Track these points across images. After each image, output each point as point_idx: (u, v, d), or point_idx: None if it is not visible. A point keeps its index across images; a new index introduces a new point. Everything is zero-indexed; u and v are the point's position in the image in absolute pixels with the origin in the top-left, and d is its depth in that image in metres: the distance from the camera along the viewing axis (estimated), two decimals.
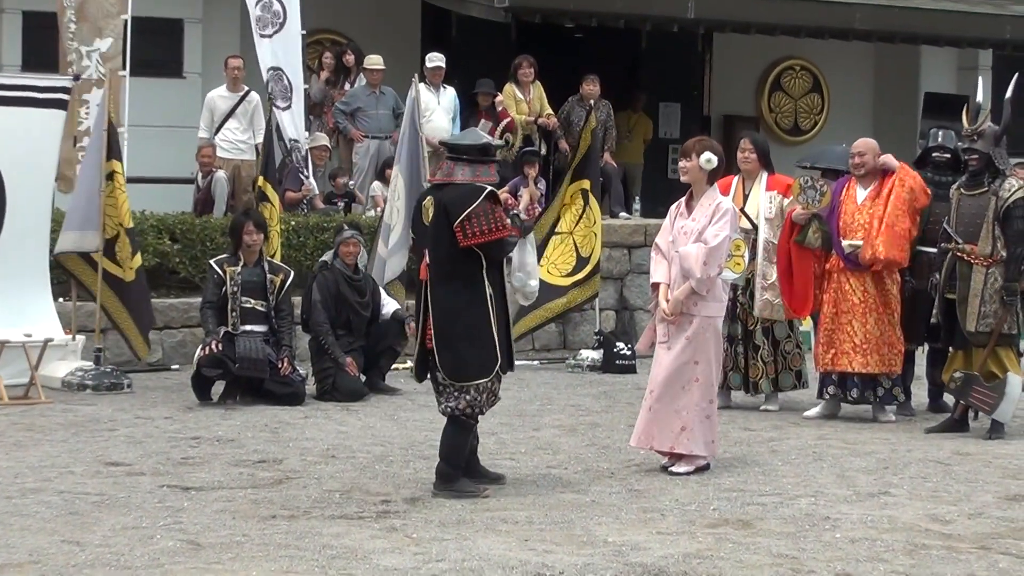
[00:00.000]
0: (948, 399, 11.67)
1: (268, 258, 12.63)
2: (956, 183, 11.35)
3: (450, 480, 8.74)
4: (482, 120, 16.82)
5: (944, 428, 11.22)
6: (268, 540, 7.58)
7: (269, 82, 15.73)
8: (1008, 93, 11.36)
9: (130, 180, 15.47)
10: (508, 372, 8.87)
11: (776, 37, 19.66)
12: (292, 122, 15.73)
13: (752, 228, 11.88)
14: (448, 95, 16.79)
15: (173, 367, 13.88)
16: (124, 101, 15.20)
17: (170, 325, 14.13)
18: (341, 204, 16.11)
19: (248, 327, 12.19)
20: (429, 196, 8.91)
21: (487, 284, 8.67)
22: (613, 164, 17.97)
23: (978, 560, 7.47)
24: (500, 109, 16.87)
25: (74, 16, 14.75)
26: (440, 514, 8.23)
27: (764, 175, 12.02)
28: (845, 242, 11.49)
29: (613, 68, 18.68)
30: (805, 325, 13.25)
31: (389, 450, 10.18)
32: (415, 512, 8.29)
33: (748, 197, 11.96)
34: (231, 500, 8.51)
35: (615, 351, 14.50)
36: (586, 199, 14.35)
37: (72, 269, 13.15)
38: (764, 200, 11.94)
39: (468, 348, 8.65)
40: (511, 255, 8.97)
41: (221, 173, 15.83)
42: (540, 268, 12.43)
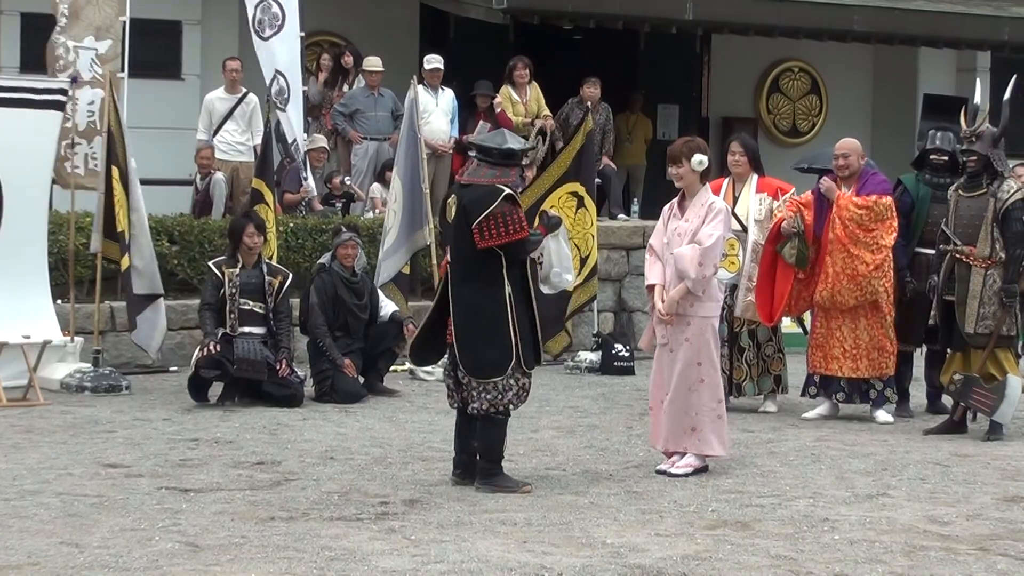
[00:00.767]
0: (947, 401, 11.68)
1: (267, 260, 12.63)
2: (954, 185, 11.36)
3: (491, 475, 8.90)
4: (480, 122, 16.82)
5: (943, 430, 11.23)
6: (266, 542, 7.58)
7: (272, 84, 15.72)
8: (1006, 95, 11.38)
9: None
10: (535, 367, 9.01)
11: (775, 39, 19.66)
12: (291, 124, 15.74)
13: (742, 230, 11.90)
14: (446, 96, 16.79)
15: (172, 369, 13.87)
16: (123, 103, 15.20)
17: (169, 327, 14.11)
18: (339, 205, 16.12)
19: (246, 329, 12.19)
20: (453, 194, 9.09)
21: (507, 283, 8.79)
22: (612, 166, 17.98)
23: (976, 561, 7.47)
24: (499, 111, 16.86)
25: (67, 11, 14.73)
26: (439, 516, 8.23)
27: (754, 177, 12.05)
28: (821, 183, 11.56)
29: (611, 70, 18.68)
30: (791, 327, 13.26)
31: (387, 452, 10.18)
32: (413, 514, 8.29)
33: (738, 199, 11.98)
34: (229, 502, 8.51)
35: (613, 353, 14.49)
36: (580, 202, 14.24)
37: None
38: (754, 202, 11.96)
39: (485, 346, 8.80)
40: (541, 254, 9.09)
41: (220, 175, 15.84)
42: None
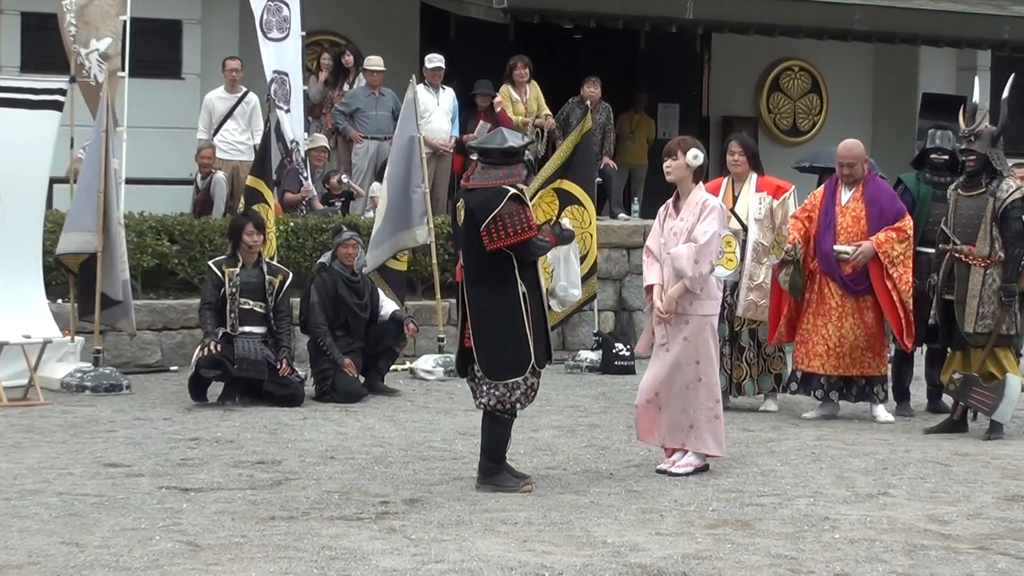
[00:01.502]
0: (947, 400, 11.68)
1: (267, 259, 12.63)
2: (953, 184, 11.36)
3: (491, 474, 8.90)
4: (480, 121, 16.83)
5: (943, 429, 11.23)
6: (267, 541, 7.58)
7: (272, 84, 15.72)
8: (1005, 93, 11.37)
9: (129, 181, 15.50)
10: (546, 365, 9.03)
11: (775, 38, 19.65)
12: (291, 124, 15.73)
13: (742, 229, 11.90)
14: (447, 96, 16.79)
15: (172, 368, 13.88)
16: (123, 102, 15.21)
17: (169, 326, 14.14)
18: (339, 204, 16.12)
19: (247, 328, 12.18)
20: (461, 199, 9.11)
21: (520, 283, 8.80)
22: (613, 166, 17.98)
23: (977, 561, 7.47)
24: (499, 110, 16.87)
25: (74, 19, 14.74)
26: (439, 515, 8.23)
27: (753, 176, 12.05)
28: (836, 247, 11.51)
29: (612, 69, 18.68)
30: None
31: (388, 451, 10.18)
32: (414, 513, 8.29)
33: (737, 198, 11.98)
34: (230, 501, 8.51)
35: (614, 352, 14.50)
36: (567, 200, 14.16)
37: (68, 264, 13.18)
38: (754, 201, 11.96)
39: (502, 347, 8.80)
40: (551, 263, 9.12)
41: (220, 174, 15.85)
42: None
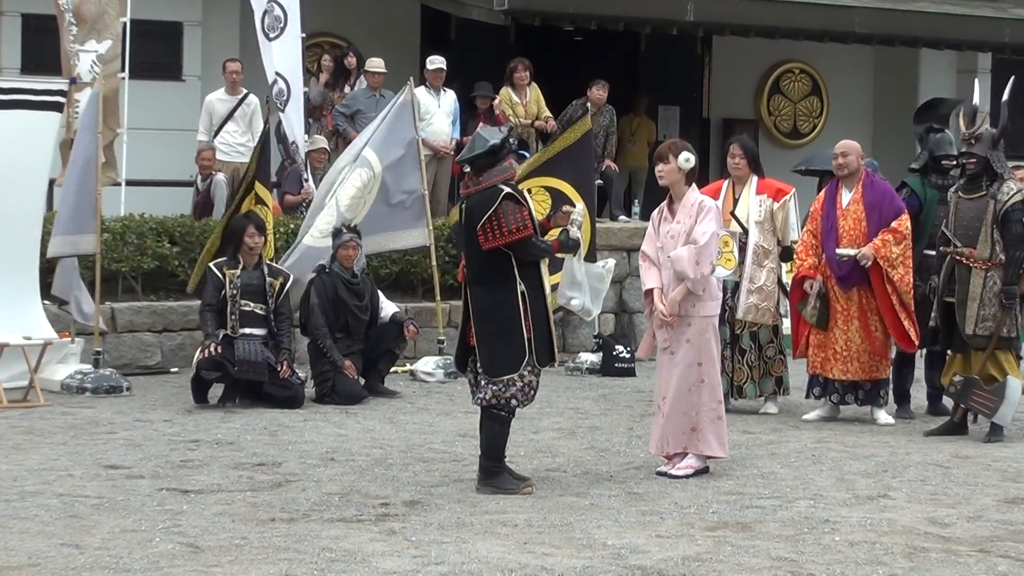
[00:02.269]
0: (947, 402, 11.67)
1: (267, 261, 12.63)
2: (954, 187, 11.36)
3: (491, 475, 8.92)
4: (480, 123, 16.80)
5: (943, 431, 11.22)
6: (267, 543, 7.58)
7: (275, 85, 15.71)
8: (1005, 96, 11.38)
9: (129, 183, 15.57)
10: (550, 365, 9.04)
11: (775, 40, 19.66)
12: (292, 125, 15.73)
13: (742, 231, 11.90)
14: (448, 98, 16.79)
15: (172, 370, 13.88)
16: (123, 104, 15.22)
17: (169, 328, 14.14)
18: None
19: (247, 330, 12.18)
20: (461, 202, 9.17)
21: (519, 282, 8.84)
22: (614, 168, 17.98)
23: (977, 563, 7.47)
24: (498, 112, 16.87)
25: (73, 19, 14.75)
26: (439, 517, 8.23)
27: (754, 179, 12.05)
28: (838, 251, 11.51)
29: (612, 71, 18.67)
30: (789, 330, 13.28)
31: (388, 453, 10.18)
32: (414, 515, 8.29)
33: (738, 201, 11.99)
34: (230, 503, 8.51)
35: (614, 354, 14.50)
36: (560, 199, 14.11)
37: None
38: (754, 204, 11.96)
39: (499, 345, 8.84)
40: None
41: (221, 176, 15.85)
42: None
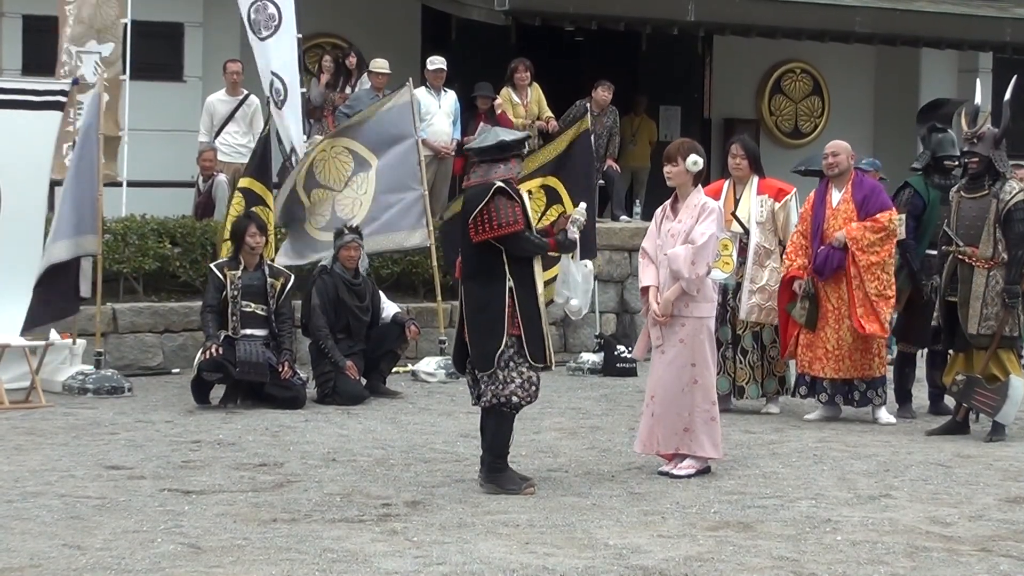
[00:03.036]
0: (949, 401, 11.67)
1: (268, 262, 12.63)
2: (956, 186, 11.36)
3: (495, 472, 8.94)
4: (481, 124, 16.79)
5: (945, 430, 11.22)
6: (269, 543, 7.58)
7: (271, 85, 15.67)
8: (1007, 95, 11.38)
9: (131, 184, 15.56)
10: (543, 364, 8.98)
11: (777, 40, 19.66)
12: (289, 126, 15.69)
13: (744, 232, 11.90)
14: (449, 98, 16.77)
15: (174, 371, 13.88)
16: (124, 105, 15.22)
17: (171, 329, 14.14)
18: None
19: (248, 331, 12.18)
20: (460, 197, 9.11)
21: (508, 278, 8.85)
22: (616, 168, 17.98)
23: (979, 563, 7.47)
24: (499, 112, 16.87)
25: (72, 19, 14.75)
26: (441, 517, 8.23)
27: (755, 179, 12.06)
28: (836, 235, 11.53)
29: (613, 71, 18.66)
30: None
31: (390, 453, 10.18)
32: (416, 515, 8.29)
33: (739, 201, 11.99)
34: (232, 504, 8.51)
35: (616, 354, 14.49)
36: (553, 198, 14.12)
37: None
38: (755, 204, 11.96)
39: (485, 339, 8.87)
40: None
41: (222, 177, 15.84)
42: None
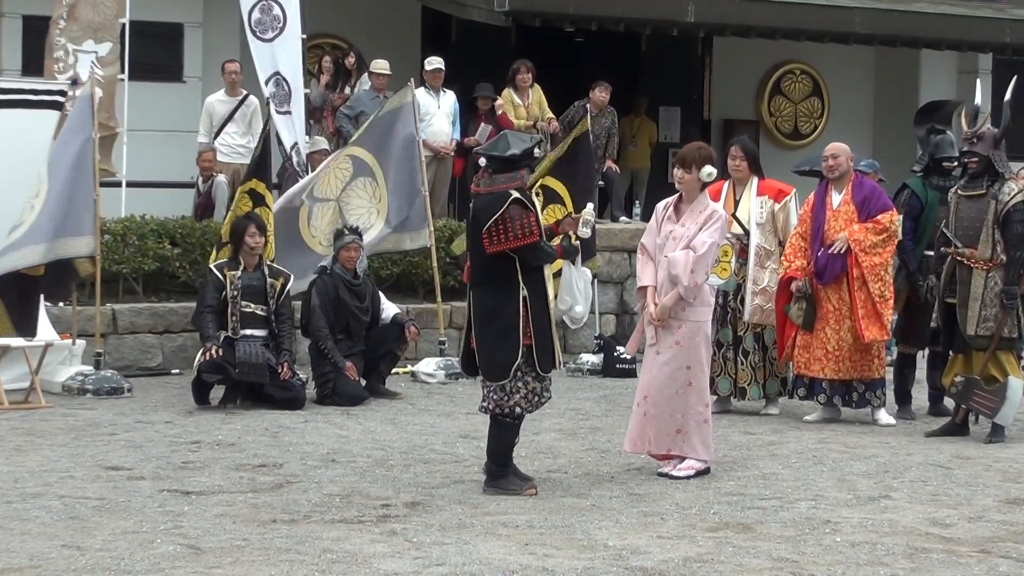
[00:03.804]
0: (948, 403, 11.66)
1: (268, 262, 12.63)
2: (954, 187, 11.36)
3: (495, 477, 8.93)
4: (481, 124, 16.82)
5: (944, 432, 11.22)
6: (268, 544, 7.58)
7: (269, 85, 15.68)
8: (1007, 96, 11.38)
9: (130, 184, 15.56)
10: (551, 371, 8.99)
11: (776, 41, 19.66)
12: (291, 127, 15.71)
13: (744, 233, 11.90)
14: (448, 99, 16.77)
15: (173, 371, 13.88)
16: (123, 105, 15.22)
17: (170, 329, 14.14)
18: None
19: (248, 331, 12.18)
20: (470, 205, 9.18)
21: (522, 287, 8.83)
22: (615, 169, 17.98)
23: (978, 564, 7.47)
24: (500, 113, 16.87)
25: (65, 14, 14.74)
26: (440, 518, 8.23)
27: (755, 180, 12.05)
28: (837, 237, 11.53)
29: (613, 72, 18.68)
30: None
31: (389, 454, 10.18)
32: (415, 516, 8.29)
33: (739, 202, 11.98)
34: (231, 504, 8.51)
35: (615, 355, 14.49)
36: (551, 198, 14.09)
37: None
38: (755, 205, 11.96)
39: (497, 349, 8.83)
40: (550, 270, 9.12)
41: (222, 177, 15.85)
42: None
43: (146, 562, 7.21)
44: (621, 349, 14.53)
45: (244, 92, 16.36)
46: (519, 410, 8.90)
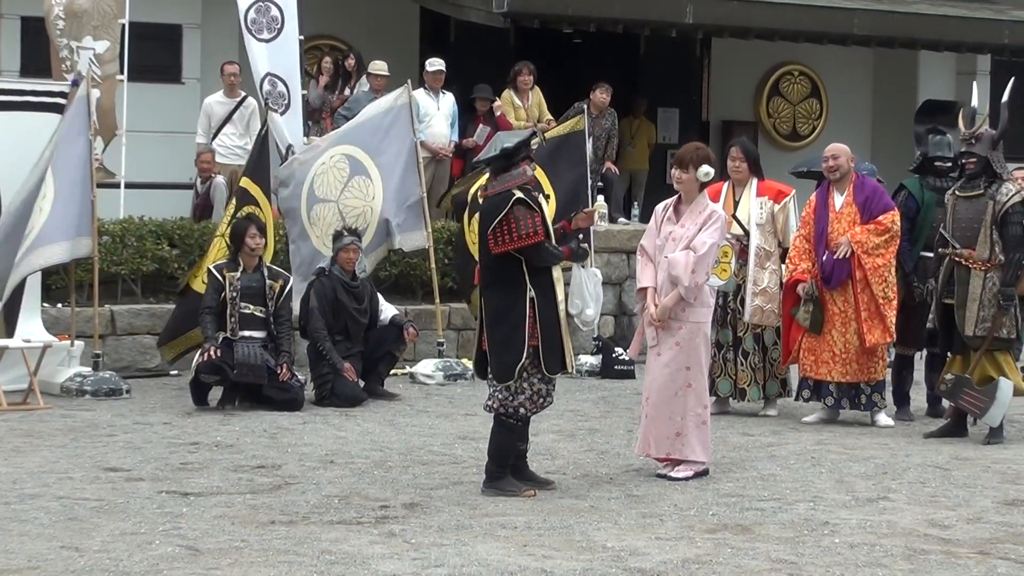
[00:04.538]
0: (947, 404, 11.66)
1: (267, 264, 12.63)
2: (950, 187, 11.36)
3: (494, 478, 8.93)
4: (480, 125, 16.82)
5: (943, 433, 11.22)
6: (267, 546, 7.58)
7: (263, 86, 15.65)
8: (1004, 97, 11.38)
9: (128, 185, 15.54)
10: (561, 373, 8.99)
11: (775, 42, 19.66)
12: (289, 128, 15.70)
13: (744, 234, 11.91)
14: (447, 100, 16.77)
15: (172, 372, 13.87)
16: (122, 106, 15.22)
17: None
18: None
19: (247, 333, 12.18)
20: (479, 210, 9.22)
21: (530, 288, 8.83)
22: (614, 170, 17.98)
23: (977, 565, 7.47)
24: (498, 115, 16.87)
25: (62, 13, 14.73)
26: (439, 519, 8.23)
27: (754, 181, 12.06)
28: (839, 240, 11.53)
29: (611, 73, 18.68)
30: None
31: (388, 455, 10.18)
32: (414, 517, 8.29)
33: (739, 203, 11.99)
34: (230, 506, 8.51)
35: (614, 356, 14.50)
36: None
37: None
38: (755, 206, 11.97)
39: (505, 350, 8.84)
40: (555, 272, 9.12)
41: (220, 179, 15.84)
42: None
43: (144, 563, 7.21)
44: (620, 350, 14.54)
45: (243, 93, 16.36)
46: (523, 411, 8.91)
